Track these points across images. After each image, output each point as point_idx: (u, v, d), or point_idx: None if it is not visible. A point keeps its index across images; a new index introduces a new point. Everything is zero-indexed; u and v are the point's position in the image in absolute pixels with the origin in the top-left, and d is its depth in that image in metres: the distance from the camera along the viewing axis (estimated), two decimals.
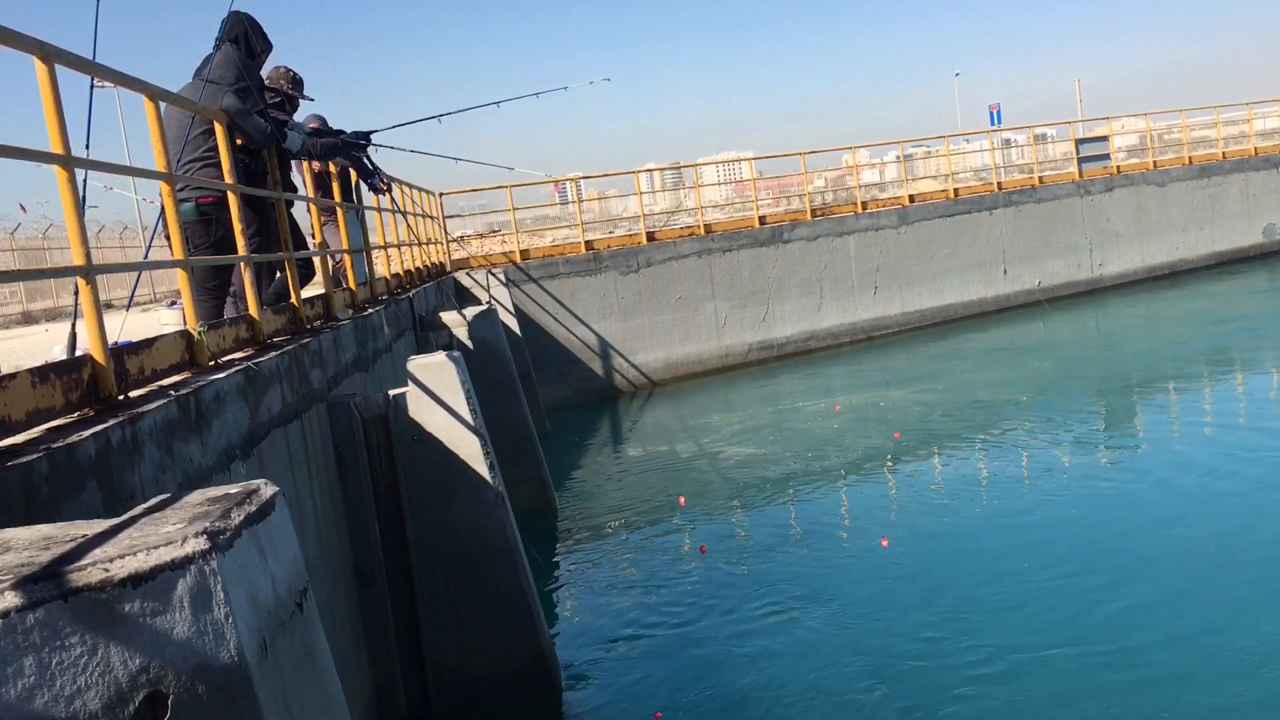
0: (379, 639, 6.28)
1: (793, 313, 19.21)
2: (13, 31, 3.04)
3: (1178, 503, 9.13)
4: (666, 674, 6.92)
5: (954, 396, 14.90)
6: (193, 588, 1.92)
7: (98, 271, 3.48)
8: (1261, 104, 27.23)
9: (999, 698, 6.09)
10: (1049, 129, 33.55)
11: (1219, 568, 7.49)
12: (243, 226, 5.29)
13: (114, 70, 4.01)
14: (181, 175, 5.46)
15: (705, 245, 18.63)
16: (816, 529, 9.70)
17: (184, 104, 5.09)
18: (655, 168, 30.67)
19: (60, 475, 2.76)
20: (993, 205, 21.39)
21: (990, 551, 8.47)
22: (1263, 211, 25.19)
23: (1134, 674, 6.17)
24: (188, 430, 3.67)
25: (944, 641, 6.87)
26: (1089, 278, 22.53)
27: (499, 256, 18.27)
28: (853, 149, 30.58)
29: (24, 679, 1.79)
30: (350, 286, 8.20)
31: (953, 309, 20.76)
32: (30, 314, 18.08)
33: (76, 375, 3.31)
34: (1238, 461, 10.06)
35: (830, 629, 7.29)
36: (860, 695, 6.30)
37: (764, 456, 12.68)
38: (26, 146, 3.17)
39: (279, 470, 4.82)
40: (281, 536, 2.33)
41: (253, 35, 6.36)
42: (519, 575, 6.48)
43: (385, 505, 6.43)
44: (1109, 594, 7.30)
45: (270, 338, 5.56)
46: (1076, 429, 12.41)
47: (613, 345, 17.86)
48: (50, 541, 2.07)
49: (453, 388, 6.39)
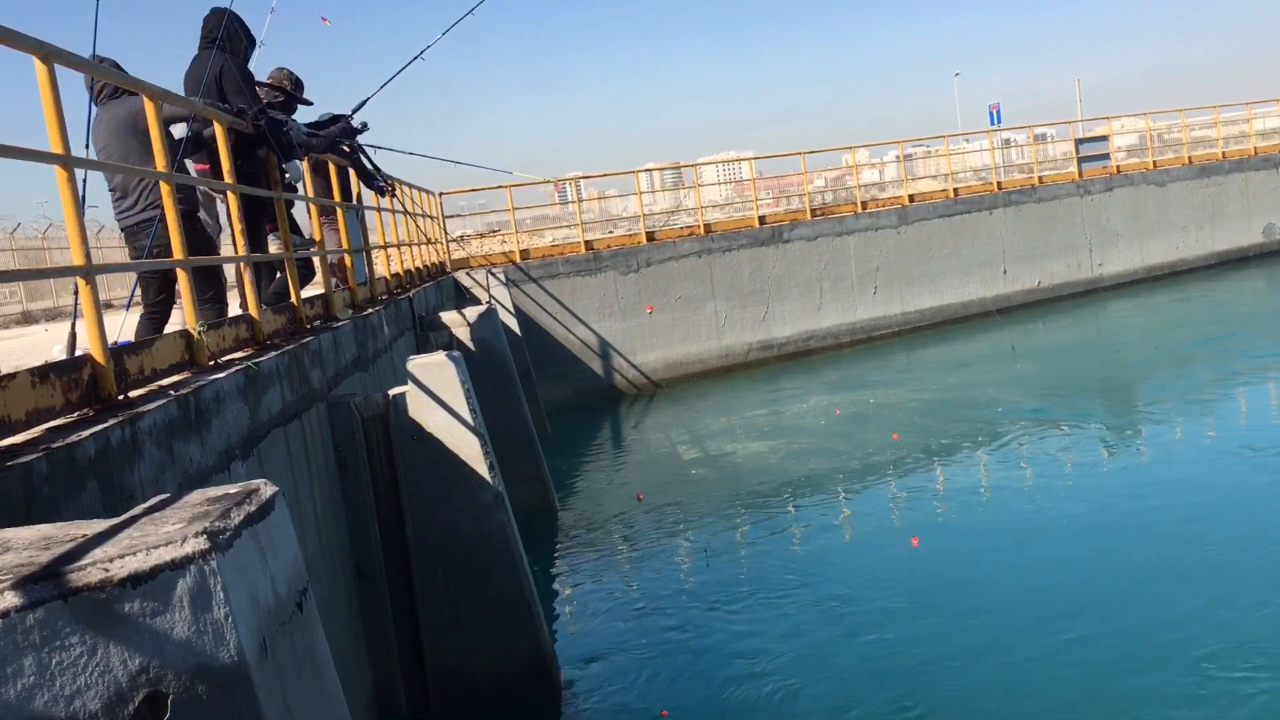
0: (379, 639, 6.28)
1: (793, 313, 19.21)
2: (13, 31, 3.04)
3: (1177, 502, 9.12)
4: (666, 674, 6.92)
5: (953, 396, 14.90)
6: (193, 588, 1.92)
7: (98, 271, 3.48)
8: (1261, 104, 27.24)
9: (1000, 697, 6.09)
10: (1049, 129, 33.51)
11: (1247, 568, 7.46)
12: (242, 228, 5.29)
13: (114, 70, 4.00)
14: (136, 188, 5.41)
15: (705, 245, 18.63)
16: (817, 529, 9.70)
17: (184, 104, 5.09)
18: (655, 168, 30.65)
19: (60, 475, 2.76)
20: (992, 205, 21.39)
21: (991, 552, 8.47)
22: (1262, 211, 25.19)
23: (1137, 673, 6.17)
24: (187, 430, 3.67)
25: (945, 641, 6.87)
26: (1089, 277, 22.53)
27: (499, 256, 18.27)
28: (853, 149, 30.55)
29: (24, 679, 1.79)
30: (350, 286, 8.20)
31: (952, 309, 20.76)
32: (30, 314, 18.07)
33: (76, 375, 3.30)
34: (1242, 460, 10.06)
35: (832, 628, 7.29)
36: (861, 694, 6.30)
37: (763, 457, 12.68)
38: (26, 146, 3.17)
39: (279, 470, 4.82)
40: (281, 536, 2.33)
41: (239, 33, 6.34)
42: (519, 575, 6.48)
43: (385, 505, 6.43)
44: (1107, 594, 7.30)
45: (270, 338, 5.55)
46: (1076, 429, 12.41)
47: (612, 345, 17.86)
48: (50, 541, 2.07)
49: (453, 388, 6.39)
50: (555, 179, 26.40)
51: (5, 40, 3.02)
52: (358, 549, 6.25)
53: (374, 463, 6.40)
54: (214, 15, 6.25)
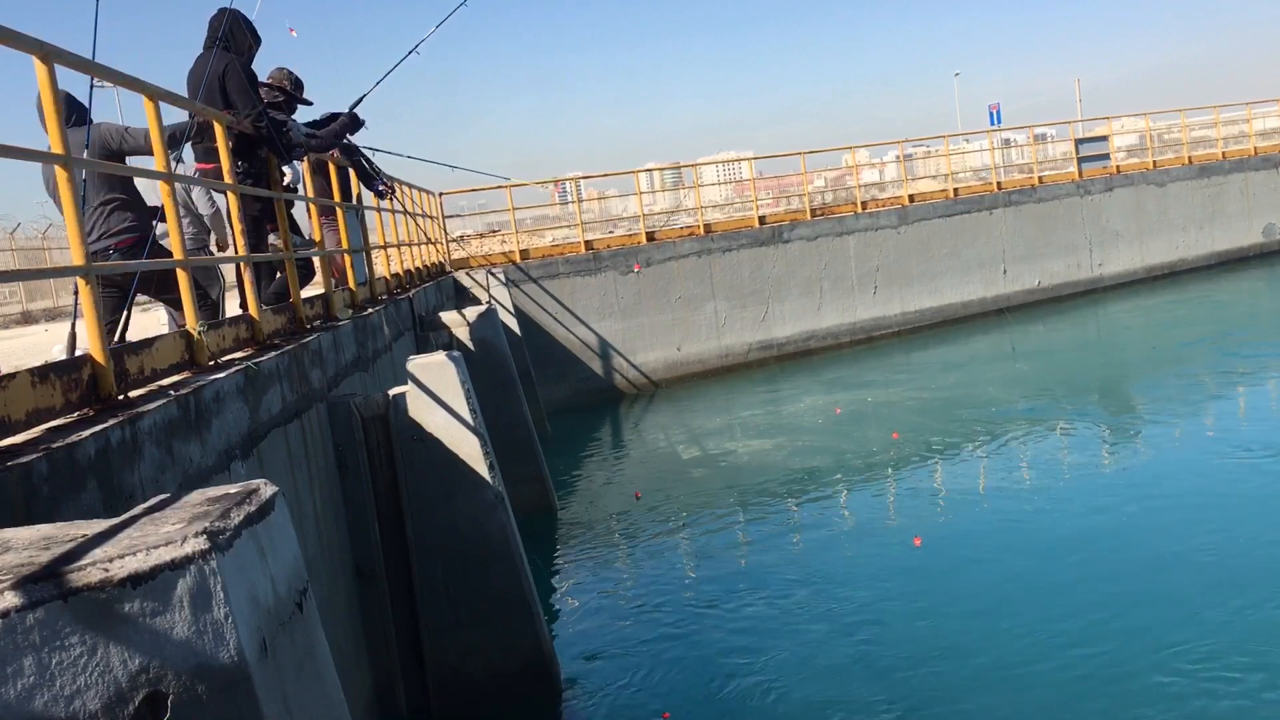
0: (379, 639, 6.28)
1: (792, 312, 19.21)
2: (13, 31, 3.04)
3: (1176, 503, 9.12)
4: (666, 674, 6.92)
5: (953, 396, 14.89)
6: (193, 588, 1.92)
7: (98, 271, 3.48)
8: (1261, 104, 27.24)
9: (1000, 697, 6.09)
10: (1049, 129, 33.51)
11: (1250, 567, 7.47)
12: (244, 228, 5.30)
13: (114, 70, 4.00)
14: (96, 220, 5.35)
15: (705, 245, 18.63)
16: (816, 528, 9.70)
17: (184, 105, 5.08)
18: (655, 168, 30.63)
19: (60, 475, 2.76)
20: (992, 205, 21.39)
21: (990, 552, 8.46)
22: (1262, 211, 25.19)
23: (1135, 673, 6.17)
24: (187, 430, 3.67)
25: (945, 641, 6.87)
26: (1089, 277, 22.53)
27: (499, 256, 18.27)
28: (853, 149, 30.52)
29: (24, 679, 1.79)
30: (350, 286, 8.20)
31: (952, 309, 20.76)
32: (30, 314, 18.08)
33: (76, 375, 3.30)
34: (1242, 460, 10.06)
35: (831, 627, 7.29)
36: (861, 694, 6.30)
37: (763, 456, 12.68)
38: (26, 146, 3.17)
39: (279, 470, 4.82)
40: (281, 536, 2.33)
41: (244, 32, 6.35)
42: (519, 575, 6.48)
43: (385, 505, 6.43)
44: (1107, 594, 7.30)
45: (270, 337, 5.55)
46: (1075, 429, 12.41)
47: (612, 345, 17.86)
48: (50, 541, 2.07)
49: (453, 388, 6.39)
50: (555, 179, 26.39)
51: (5, 40, 3.02)
52: (358, 549, 6.25)
53: (374, 463, 6.40)
54: (219, 16, 6.26)
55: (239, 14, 6.32)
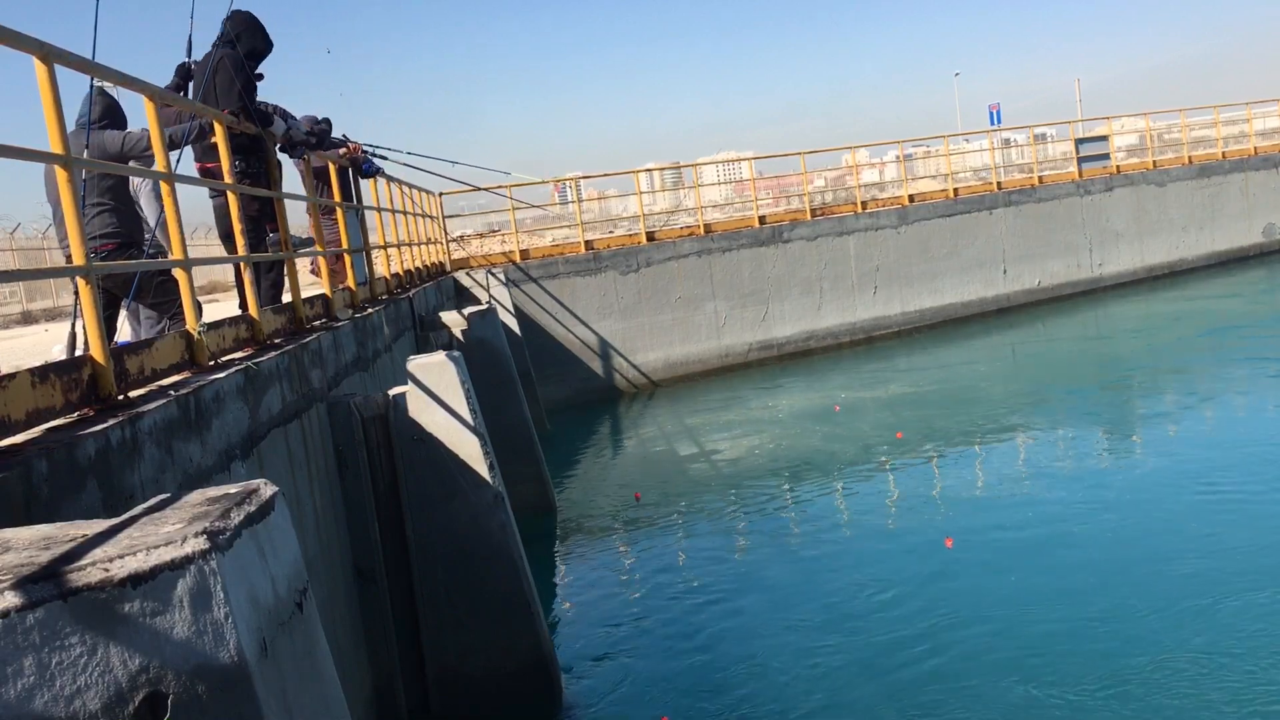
0: (379, 639, 6.28)
1: (792, 312, 19.21)
2: (13, 31, 3.04)
3: (1174, 503, 9.12)
4: (666, 673, 6.92)
5: (953, 396, 14.89)
6: (193, 588, 1.92)
7: (98, 271, 3.48)
8: (1261, 104, 27.23)
9: (1000, 696, 6.09)
10: (1049, 129, 33.45)
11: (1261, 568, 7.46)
12: (243, 228, 5.29)
13: (114, 70, 4.01)
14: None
15: (705, 245, 18.64)
16: (816, 528, 9.70)
17: (184, 105, 5.09)
18: (655, 168, 30.63)
19: (60, 475, 2.76)
20: (992, 205, 21.39)
21: (991, 552, 8.46)
22: (1262, 211, 25.18)
23: (1135, 673, 6.17)
24: (187, 430, 3.67)
25: (946, 641, 6.86)
26: (1089, 277, 22.53)
27: (499, 256, 18.27)
28: (853, 149, 30.55)
29: (24, 679, 1.79)
30: (350, 286, 8.20)
31: (952, 309, 20.76)
32: (30, 314, 18.08)
33: (76, 375, 3.30)
34: (1244, 459, 10.06)
35: (832, 627, 7.29)
36: (862, 693, 6.30)
37: (763, 456, 12.68)
38: (26, 146, 3.17)
39: (279, 470, 4.82)
40: (281, 536, 2.33)
41: (255, 35, 6.34)
42: (519, 575, 6.48)
43: (385, 505, 6.43)
44: (1107, 594, 7.31)
45: (270, 337, 5.55)
46: (1075, 429, 12.41)
47: (612, 345, 17.86)
48: (50, 541, 2.07)
49: (452, 387, 6.39)
50: (555, 179, 26.38)
51: (5, 40, 3.02)
52: (358, 549, 6.25)
53: (374, 463, 6.40)
54: (232, 17, 6.26)
55: (253, 17, 6.33)
